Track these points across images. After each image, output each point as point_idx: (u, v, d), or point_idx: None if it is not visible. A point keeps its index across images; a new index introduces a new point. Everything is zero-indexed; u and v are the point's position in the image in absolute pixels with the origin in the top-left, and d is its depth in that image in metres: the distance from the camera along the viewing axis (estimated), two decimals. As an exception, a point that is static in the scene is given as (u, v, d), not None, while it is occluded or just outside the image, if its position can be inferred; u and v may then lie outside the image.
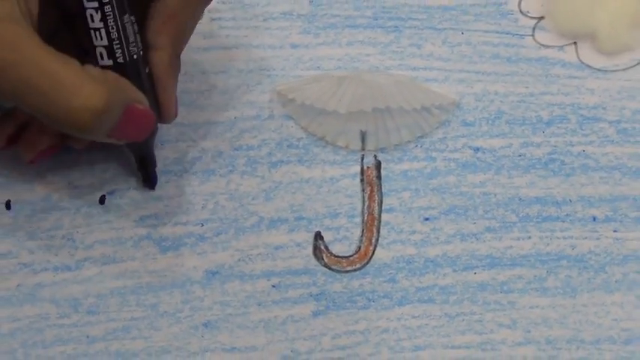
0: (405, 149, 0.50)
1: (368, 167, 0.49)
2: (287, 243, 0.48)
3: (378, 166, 0.49)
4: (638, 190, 0.49)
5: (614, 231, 0.48)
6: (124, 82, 0.43)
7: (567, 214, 0.48)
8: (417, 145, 0.50)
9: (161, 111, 0.47)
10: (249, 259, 0.48)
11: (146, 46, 0.45)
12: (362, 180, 0.49)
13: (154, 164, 0.50)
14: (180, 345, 0.46)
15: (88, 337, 0.47)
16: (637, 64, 0.51)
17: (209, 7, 0.52)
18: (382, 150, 0.50)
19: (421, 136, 0.50)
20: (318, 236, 0.48)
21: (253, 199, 0.49)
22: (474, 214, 0.48)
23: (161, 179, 0.50)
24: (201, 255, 0.48)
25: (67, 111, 0.40)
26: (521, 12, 0.53)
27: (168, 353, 0.46)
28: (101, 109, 0.41)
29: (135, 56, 0.44)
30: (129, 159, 0.50)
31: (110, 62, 0.43)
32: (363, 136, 0.50)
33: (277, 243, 0.48)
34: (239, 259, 0.48)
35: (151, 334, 0.47)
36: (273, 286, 0.47)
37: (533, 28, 0.52)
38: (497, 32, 0.52)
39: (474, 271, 0.47)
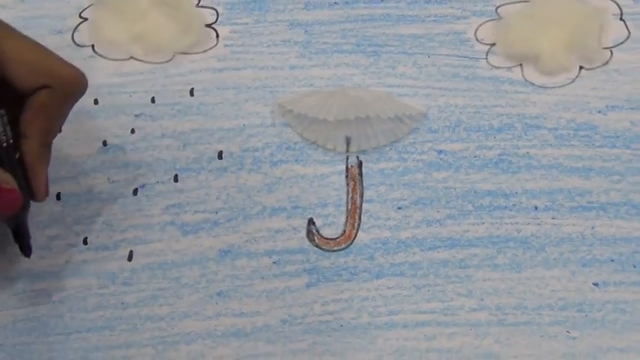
0: (381, 151, 0.51)
1: (352, 166, 0.50)
2: (285, 227, 0.49)
3: (360, 165, 0.50)
4: (572, 184, 0.49)
5: (552, 218, 0.48)
6: None
7: (514, 204, 0.49)
8: (391, 149, 0.51)
9: (33, 191, 0.44)
10: (255, 240, 0.48)
11: (19, 135, 0.43)
12: (346, 176, 0.50)
13: (27, 236, 0.47)
14: (198, 310, 0.47)
15: (122, 303, 0.47)
16: (571, 82, 0.52)
17: (223, 35, 0.54)
18: (363, 152, 0.51)
19: (395, 141, 0.51)
20: (310, 222, 0.49)
21: (258, 191, 0.50)
22: (438, 204, 0.49)
23: (182, 175, 0.50)
24: (216, 237, 0.49)
25: None
26: (476, 39, 0.53)
27: (189, 317, 0.47)
28: None
29: (4, 144, 0.42)
30: (158, 160, 0.50)
31: None
32: (348, 141, 0.51)
33: (277, 227, 0.49)
34: (246, 241, 0.48)
35: (174, 302, 0.47)
36: (274, 263, 0.48)
37: (487, 53, 0.53)
38: (457, 56, 0.53)
39: (438, 251, 0.48)
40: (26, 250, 0.47)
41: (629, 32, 0.53)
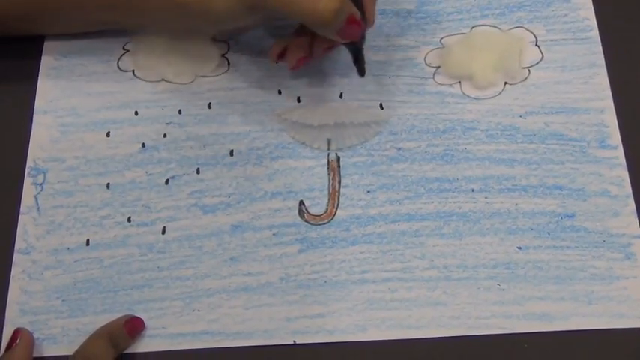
0: (355, 149, 0.51)
1: (332, 160, 0.51)
2: (282, 207, 0.49)
3: (338, 159, 0.51)
4: (500, 172, 0.50)
5: (485, 197, 0.49)
6: (347, 1, 0.45)
7: (456, 187, 0.49)
8: (362, 147, 0.51)
9: (366, 20, 0.47)
10: (259, 217, 0.49)
11: None
12: (328, 168, 0.51)
13: (363, 60, 0.49)
14: (215, 272, 0.48)
15: (158, 267, 0.48)
16: (498, 94, 0.52)
17: (233, 62, 0.53)
18: (340, 150, 0.51)
19: (364, 141, 0.51)
20: (301, 203, 0.50)
21: (261, 180, 0.50)
22: (398, 188, 0.50)
23: (203, 168, 0.50)
24: (229, 215, 0.49)
25: (314, 11, 0.43)
26: (425, 63, 0.54)
27: (209, 277, 0.47)
28: (336, 9, 0.43)
29: None
30: (184, 157, 0.50)
31: None
32: (329, 141, 0.51)
33: (276, 207, 0.49)
34: (252, 218, 0.49)
35: (197, 265, 0.48)
36: (274, 234, 0.49)
37: (434, 73, 0.53)
38: (411, 76, 0.53)
39: (398, 223, 0.49)
40: (362, 71, 0.49)
41: (543, 55, 0.54)
